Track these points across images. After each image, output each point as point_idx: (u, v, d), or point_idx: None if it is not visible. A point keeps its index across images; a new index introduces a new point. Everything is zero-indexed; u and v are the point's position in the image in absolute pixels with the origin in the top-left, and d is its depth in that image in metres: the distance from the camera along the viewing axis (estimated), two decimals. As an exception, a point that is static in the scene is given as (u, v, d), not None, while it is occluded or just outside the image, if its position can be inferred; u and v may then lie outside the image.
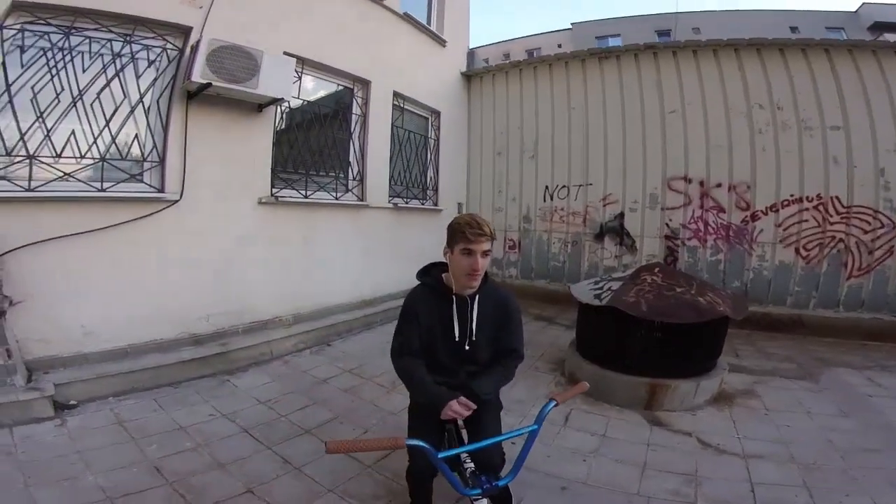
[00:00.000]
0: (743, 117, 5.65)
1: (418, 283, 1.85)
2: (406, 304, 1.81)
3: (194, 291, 3.91)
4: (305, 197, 4.73)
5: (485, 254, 1.64)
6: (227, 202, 4.06)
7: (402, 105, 5.98)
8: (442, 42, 6.79)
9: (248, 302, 4.31)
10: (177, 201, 3.68)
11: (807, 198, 5.44)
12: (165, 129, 3.60)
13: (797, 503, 2.30)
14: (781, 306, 5.63)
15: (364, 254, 5.50)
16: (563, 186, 6.77)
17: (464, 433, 1.87)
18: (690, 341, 3.32)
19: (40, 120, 3.07)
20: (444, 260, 1.83)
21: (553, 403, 1.39)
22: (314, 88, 4.95)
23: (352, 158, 5.30)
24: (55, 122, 3.15)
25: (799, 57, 5.40)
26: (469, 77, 7.46)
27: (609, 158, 6.40)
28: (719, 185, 5.80)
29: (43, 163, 3.10)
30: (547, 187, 6.90)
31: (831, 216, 5.36)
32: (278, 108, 4.40)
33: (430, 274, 1.84)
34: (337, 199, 5.07)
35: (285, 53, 4.20)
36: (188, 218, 3.77)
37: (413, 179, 6.36)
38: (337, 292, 5.20)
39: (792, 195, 5.49)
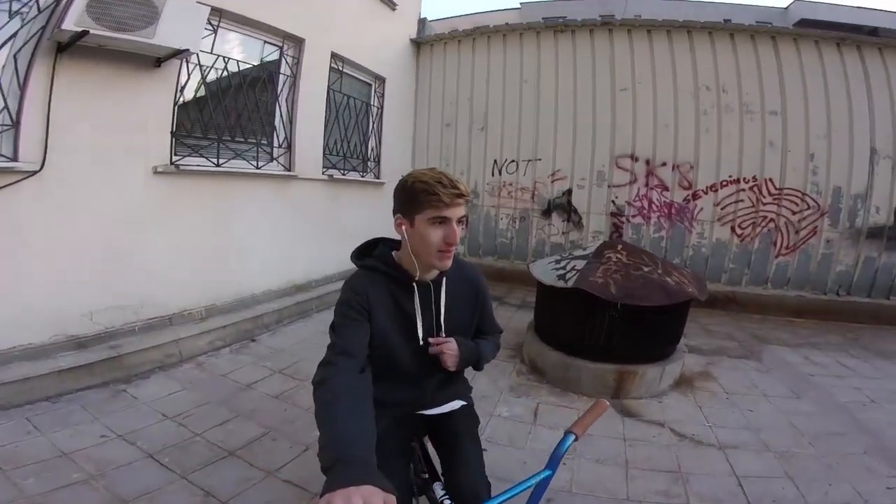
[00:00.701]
0: (690, 98, 5.75)
1: (359, 266, 1.36)
2: (349, 295, 1.27)
3: (69, 284, 3.12)
4: (217, 166, 4.00)
5: (460, 220, 1.25)
6: (109, 172, 3.26)
7: (341, 68, 5.34)
8: (392, 5, 6.18)
9: (144, 294, 3.56)
10: (36, 172, 2.86)
11: (744, 179, 5.69)
12: (23, 86, 2.79)
13: (787, 496, 2.24)
14: (717, 283, 5.87)
15: (294, 232, 4.87)
16: (512, 161, 6.57)
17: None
18: (657, 324, 3.21)
19: None
20: (384, 235, 1.44)
21: (572, 438, 1.04)
22: (234, 44, 4.17)
23: (277, 123, 4.61)
24: None
25: (747, 41, 5.56)
26: (419, 44, 6.97)
27: (559, 134, 6.27)
28: (664, 164, 5.89)
29: None
30: (496, 161, 6.67)
31: (764, 197, 5.65)
32: (185, 63, 3.63)
33: (375, 255, 1.36)
34: (258, 168, 4.38)
35: (198, 2, 3.44)
36: (55, 192, 2.97)
37: (352, 149, 5.75)
38: (261, 277, 4.56)
39: (730, 176, 5.72)
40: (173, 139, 3.65)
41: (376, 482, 0.81)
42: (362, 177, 5.90)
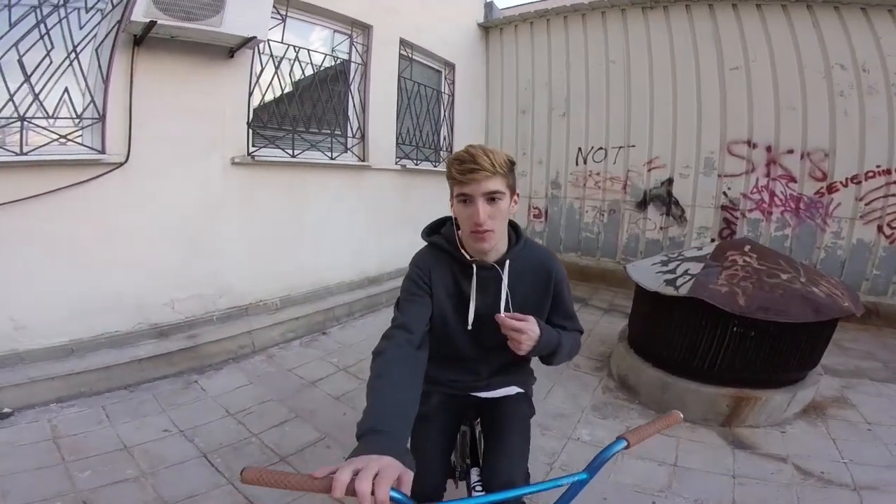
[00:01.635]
0: (821, 78, 4.77)
1: (427, 242, 1.35)
2: (412, 270, 1.29)
3: (154, 272, 3.25)
4: (293, 156, 4.00)
5: (491, 198, 1.14)
6: (189, 163, 3.35)
7: (410, 55, 5.17)
8: (456, -11, 5.93)
9: (223, 283, 3.64)
10: (122, 163, 2.98)
11: (896, 170, 4.61)
12: (106, 80, 2.89)
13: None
14: (855, 292, 4.86)
15: (367, 223, 4.80)
16: (600, 148, 5.94)
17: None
18: (793, 343, 2.58)
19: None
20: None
21: (623, 445, 0.91)
22: (304, 33, 4.14)
23: (350, 113, 4.53)
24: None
25: (886, 18, 4.49)
26: (487, 29, 6.60)
27: (656, 118, 5.55)
28: (790, 152, 4.96)
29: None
30: (580, 149, 6.08)
31: (924, 191, 4.55)
32: (257, 53, 3.65)
33: (441, 232, 1.34)
34: (333, 159, 4.33)
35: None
36: (140, 182, 3.08)
37: (424, 138, 5.57)
38: (334, 269, 4.53)
39: (878, 166, 4.66)
40: (249, 130, 3.68)
41: (398, 456, 0.80)
42: (435, 167, 5.69)
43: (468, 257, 1.25)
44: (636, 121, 5.66)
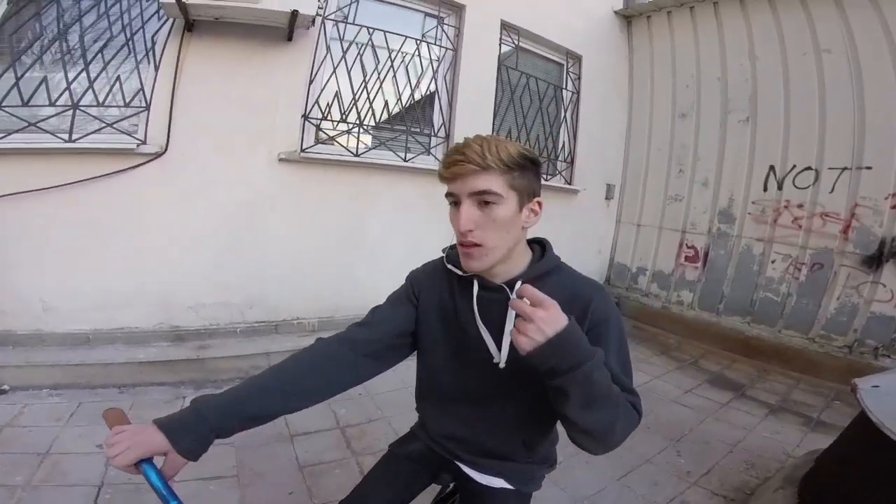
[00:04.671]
0: None
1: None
2: (403, 283, 1.20)
3: (183, 271, 3.26)
4: (356, 155, 3.71)
5: (482, 200, 0.93)
6: (232, 156, 3.31)
7: (515, 41, 4.56)
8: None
9: (255, 293, 3.51)
10: (161, 154, 3.07)
11: None
12: (157, 67, 3.06)
13: None
14: None
15: (442, 240, 4.18)
16: (807, 169, 4.27)
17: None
18: None
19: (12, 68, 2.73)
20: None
21: None
22: (378, 12, 3.87)
23: (437, 107, 4.10)
24: (26, 70, 2.79)
25: None
26: (629, 18, 5.63)
27: (905, 127, 3.80)
28: None
29: (4, 111, 2.72)
30: (773, 168, 4.49)
31: None
32: (323, 36, 3.51)
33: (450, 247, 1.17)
34: (406, 161, 3.93)
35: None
36: (177, 174, 3.14)
37: (532, 145, 4.80)
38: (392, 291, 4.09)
39: None
40: (305, 123, 3.52)
41: (177, 440, 0.82)
42: (546, 180, 4.86)
43: (459, 272, 1.08)
44: (870, 131, 3.96)
